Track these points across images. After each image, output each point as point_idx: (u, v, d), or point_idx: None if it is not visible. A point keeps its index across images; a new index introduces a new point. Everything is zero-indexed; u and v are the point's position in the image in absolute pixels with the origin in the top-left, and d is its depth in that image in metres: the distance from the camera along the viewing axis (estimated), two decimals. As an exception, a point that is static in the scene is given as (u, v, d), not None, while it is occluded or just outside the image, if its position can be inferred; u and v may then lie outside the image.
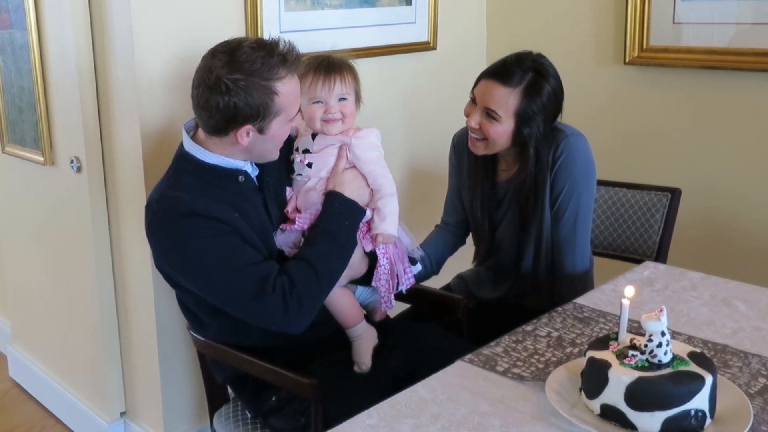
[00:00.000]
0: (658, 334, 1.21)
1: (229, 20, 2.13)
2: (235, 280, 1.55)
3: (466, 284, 2.14)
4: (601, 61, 2.69)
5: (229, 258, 1.55)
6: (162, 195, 1.60)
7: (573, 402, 1.28)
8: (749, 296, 1.75)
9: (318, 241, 1.62)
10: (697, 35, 2.44)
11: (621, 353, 1.24)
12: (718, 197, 2.50)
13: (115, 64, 2.05)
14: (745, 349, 1.49)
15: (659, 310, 1.22)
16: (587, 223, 1.94)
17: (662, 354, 1.21)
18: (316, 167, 1.72)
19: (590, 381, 1.25)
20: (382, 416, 1.28)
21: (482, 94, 1.85)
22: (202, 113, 1.59)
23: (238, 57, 1.54)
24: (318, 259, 1.60)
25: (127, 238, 2.19)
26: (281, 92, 1.57)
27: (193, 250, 1.55)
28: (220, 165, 1.63)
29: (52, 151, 2.32)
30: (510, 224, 1.98)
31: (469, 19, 2.89)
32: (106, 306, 2.29)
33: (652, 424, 1.17)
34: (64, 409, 2.61)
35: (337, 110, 1.71)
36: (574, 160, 1.87)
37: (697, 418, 1.18)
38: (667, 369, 1.21)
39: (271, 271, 1.57)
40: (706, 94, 2.48)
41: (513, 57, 1.86)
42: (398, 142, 2.68)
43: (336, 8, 2.40)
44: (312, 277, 1.58)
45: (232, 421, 1.78)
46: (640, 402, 1.17)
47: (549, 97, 1.84)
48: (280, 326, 1.57)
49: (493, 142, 1.86)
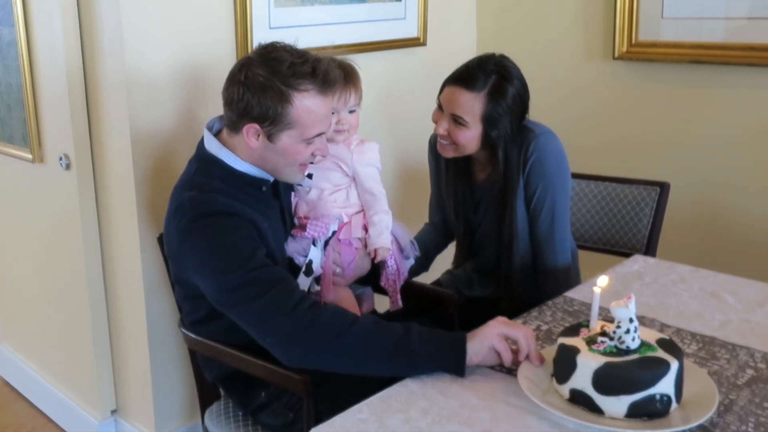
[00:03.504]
0: (626, 321, 1.24)
1: (219, 16, 2.13)
2: (252, 278, 1.46)
3: (456, 281, 2.14)
4: (590, 56, 2.70)
5: (252, 257, 1.48)
6: (195, 197, 1.55)
7: (545, 388, 1.30)
8: (738, 289, 1.76)
9: (389, 330, 1.43)
10: (685, 30, 2.45)
11: (591, 340, 1.26)
12: (707, 191, 2.51)
13: (104, 61, 2.04)
14: (734, 341, 1.50)
15: (627, 297, 1.24)
16: (565, 220, 1.95)
17: (630, 340, 1.24)
18: (316, 178, 1.74)
19: (560, 367, 1.28)
20: (373, 410, 1.29)
21: (448, 100, 1.85)
22: (225, 107, 1.58)
23: (270, 55, 1.52)
24: (368, 329, 1.42)
25: (117, 234, 2.19)
26: (297, 105, 1.52)
27: (224, 242, 1.48)
28: (249, 173, 1.61)
29: (41, 148, 2.31)
30: (489, 225, 1.99)
31: (459, 15, 2.90)
32: (96, 304, 2.29)
33: (619, 408, 1.19)
34: (54, 408, 2.61)
35: (348, 121, 1.73)
36: (545, 159, 1.87)
37: (663, 402, 1.20)
38: (634, 355, 1.23)
39: (289, 279, 1.51)
40: (695, 89, 2.49)
41: (475, 61, 1.86)
42: (388, 139, 2.68)
43: (326, 4, 2.40)
44: (344, 326, 1.42)
45: (224, 419, 1.78)
46: (607, 386, 1.20)
47: (514, 99, 1.84)
48: (276, 329, 1.45)
49: (462, 147, 1.87)
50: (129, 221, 2.10)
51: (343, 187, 1.77)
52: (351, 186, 1.78)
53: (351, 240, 1.74)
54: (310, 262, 1.70)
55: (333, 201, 1.76)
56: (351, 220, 1.76)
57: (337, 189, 1.77)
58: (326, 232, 1.72)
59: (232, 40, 2.17)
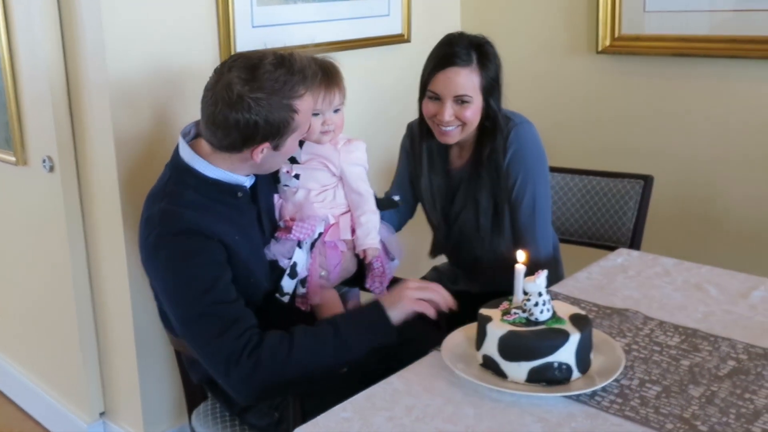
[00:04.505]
0: (536, 295, 1.34)
1: (201, 15, 2.12)
2: (211, 312, 1.49)
3: (441, 277, 2.15)
4: (574, 50, 2.71)
5: (214, 288, 1.50)
6: (165, 210, 1.54)
7: (468, 359, 1.39)
8: (720, 280, 1.77)
9: (321, 334, 1.51)
10: (667, 23, 2.46)
11: (506, 311, 1.37)
12: (691, 183, 2.53)
13: (86, 62, 2.03)
14: (716, 333, 1.51)
15: (537, 273, 1.34)
16: (546, 210, 1.96)
17: (539, 313, 1.34)
18: (303, 178, 1.73)
19: (477, 335, 1.39)
20: (357, 409, 1.29)
21: (445, 85, 1.85)
22: (217, 131, 1.53)
23: (260, 75, 1.49)
24: (305, 345, 1.49)
25: (103, 236, 2.18)
26: (301, 110, 1.54)
27: (185, 269, 1.51)
28: (223, 180, 1.60)
29: (24, 150, 2.30)
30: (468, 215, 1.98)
31: (443, 11, 2.90)
32: (82, 306, 2.28)
33: (519, 373, 1.31)
34: (42, 411, 2.60)
35: (333, 122, 1.73)
36: (525, 148, 1.89)
37: (561, 370, 1.30)
38: (542, 326, 1.33)
39: (245, 319, 1.50)
40: (678, 82, 2.50)
41: (448, 42, 1.88)
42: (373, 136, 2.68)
43: (309, 2, 2.40)
44: (284, 354, 1.47)
45: (211, 419, 1.78)
46: (509, 353, 1.31)
47: (495, 58, 1.89)
48: (224, 377, 1.49)
49: (469, 124, 1.88)
50: (114, 222, 2.09)
51: (331, 187, 1.77)
52: (338, 186, 1.78)
53: (337, 242, 1.73)
54: (295, 264, 1.69)
55: (320, 201, 1.75)
56: (338, 222, 1.75)
57: (325, 189, 1.76)
58: (312, 234, 1.70)
59: (214, 38, 2.16)
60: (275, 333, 1.50)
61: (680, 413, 1.24)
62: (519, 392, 1.29)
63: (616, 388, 1.32)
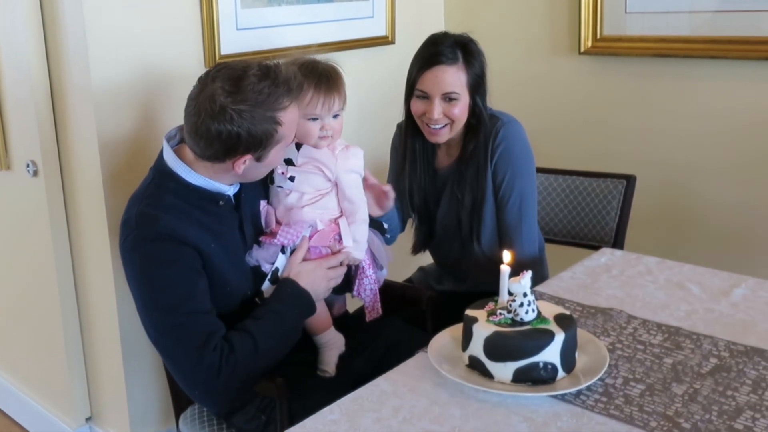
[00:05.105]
0: (521, 296, 1.35)
1: (185, 18, 2.11)
2: (187, 323, 1.50)
3: (427, 277, 2.16)
4: (556, 51, 2.73)
5: (191, 297, 1.51)
6: (143, 213, 1.54)
7: (455, 360, 1.40)
8: (702, 279, 1.80)
9: (264, 319, 1.58)
10: (648, 24, 2.48)
11: (492, 312, 1.38)
12: (673, 183, 2.55)
13: (70, 65, 2.02)
14: (698, 331, 1.53)
15: (522, 274, 1.35)
16: (532, 209, 1.98)
17: (524, 313, 1.35)
18: (298, 182, 1.71)
19: (463, 336, 1.40)
20: (344, 411, 1.30)
21: (434, 83, 1.87)
22: (200, 141, 1.52)
23: (243, 86, 1.48)
24: (261, 335, 1.55)
25: (88, 241, 2.17)
26: (285, 122, 1.54)
27: (161, 277, 1.51)
28: (205, 187, 1.59)
29: (8, 155, 2.28)
30: (452, 214, 1.99)
31: (427, 12, 2.91)
32: (68, 310, 2.26)
33: (505, 373, 1.32)
34: (28, 417, 2.58)
35: (332, 127, 1.71)
36: (512, 147, 1.92)
37: (547, 369, 1.31)
38: (527, 326, 1.34)
39: (219, 329, 1.53)
40: (660, 82, 2.53)
41: (433, 41, 1.90)
42: (358, 138, 2.68)
43: (293, 4, 2.40)
44: (252, 349, 1.53)
45: (198, 423, 1.78)
46: (495, 353, 1.33)
47: (479, 55, 1.91)
48: (207, 387, 1.52)
49: (458, 122, 1.90)
50: (99, 227, 2.08)
51: (324, 192, 1.74)
52: (332, 191, 1.74)
53: (321, 249, 1.71)
54: (277, 270, 1.67)
55: (311, 204, 1.73)
56: (326, 228, 1.73)
57: (318, 193, 1.73)
58: (297, 239, 1.69)
59: (199, 41, 2.16)
60: (233, 332, 1.55)
61: (664, 411, 1.26)
62: (505, 392, 1.31)
63: (601, 387, 1.34)
